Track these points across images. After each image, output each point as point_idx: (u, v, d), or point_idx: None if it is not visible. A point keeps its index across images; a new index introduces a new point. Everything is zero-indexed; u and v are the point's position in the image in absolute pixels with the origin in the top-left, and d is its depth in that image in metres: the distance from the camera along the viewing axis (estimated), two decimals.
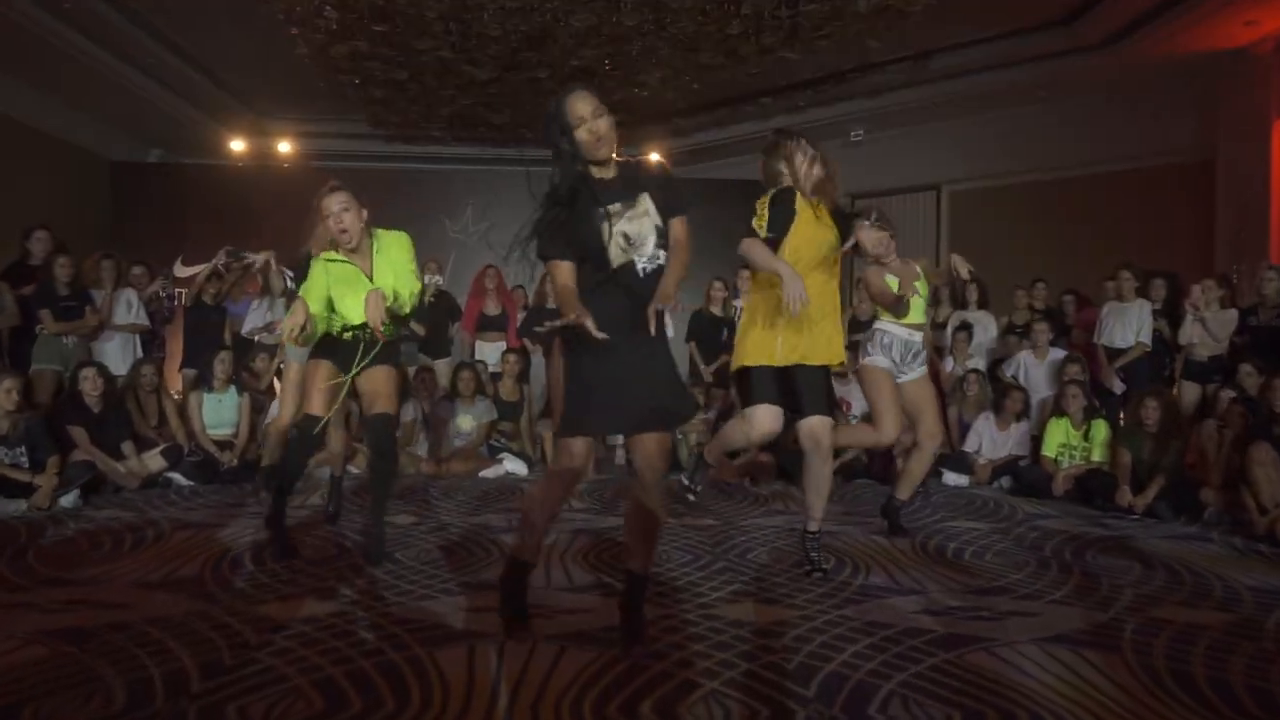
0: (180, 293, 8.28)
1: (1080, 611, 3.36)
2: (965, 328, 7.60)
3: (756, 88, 10.68)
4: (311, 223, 4.00)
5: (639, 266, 2.71)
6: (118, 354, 6.81)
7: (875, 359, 4.53)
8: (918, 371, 4.64)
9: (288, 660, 2.70)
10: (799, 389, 3.72)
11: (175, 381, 7.81)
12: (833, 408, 3.83)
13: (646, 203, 2.76)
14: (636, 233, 2.72)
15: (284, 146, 12.06)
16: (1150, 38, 8.52)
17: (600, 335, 2.45)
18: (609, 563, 4.01)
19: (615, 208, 2.72)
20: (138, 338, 7.05)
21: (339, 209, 3.83)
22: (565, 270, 2.72)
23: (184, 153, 12.54)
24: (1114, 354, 6.98)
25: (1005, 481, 6.59)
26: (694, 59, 9.41)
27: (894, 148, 11.68)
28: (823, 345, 3.73)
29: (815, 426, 3.71)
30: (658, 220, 2.75)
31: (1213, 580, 3.88)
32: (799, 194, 3.74)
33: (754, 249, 3.57)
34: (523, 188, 2.83)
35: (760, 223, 3.70)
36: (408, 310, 4.00)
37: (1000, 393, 7.01)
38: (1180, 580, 3.89)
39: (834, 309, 3.80)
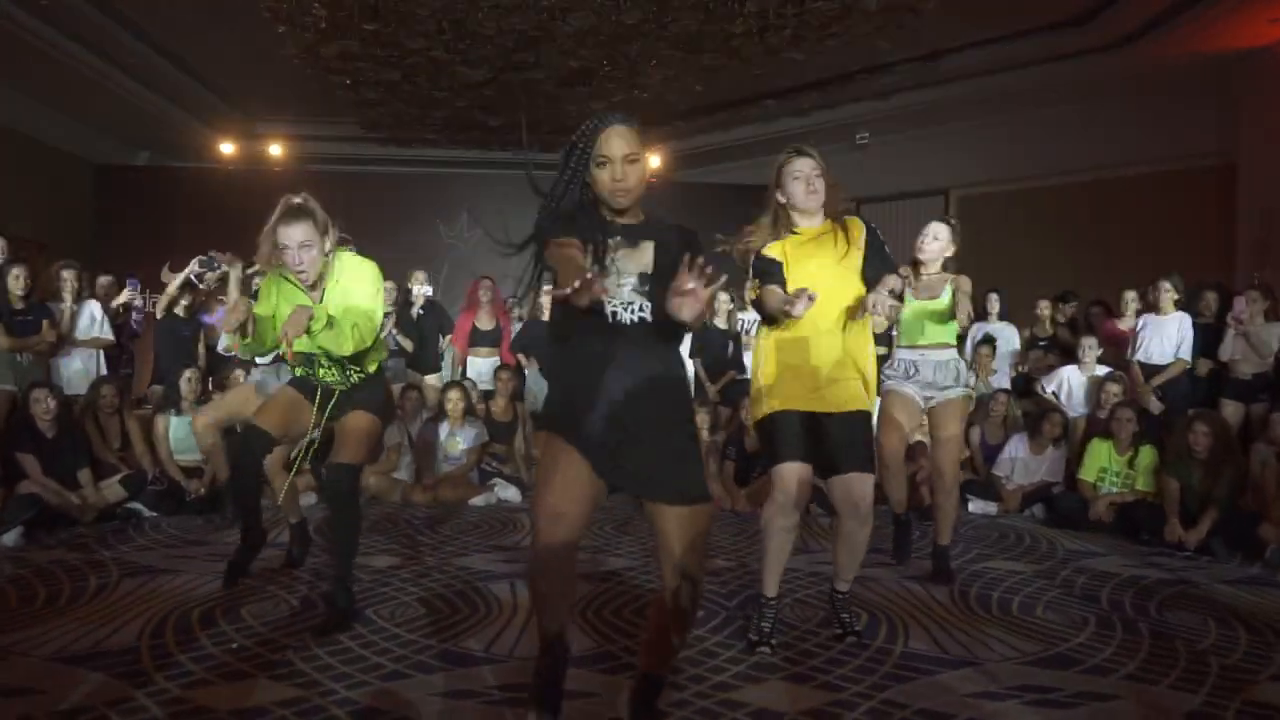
0: (152, 301, 7.77)
1: (1168, 693, 2.87)
2: (989, 341, 7.11)
3: (760, 90, 10.29)
4: (267, 239, 3.38)
5: (608, 309, 2.23)
6: (79, 371, 6.31)
7: (896, 385, 4.24)
8: (950, 393, 4.19)
9: None
10: (831, 441, 3.17)
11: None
12: (873, 460, 3.26)
13: (647, 249, 2.29)
14: (620, 269, 2.26)
15: (275, 149, 11.71)
16: (1169, 37, 8.19)
17: (598, 287, 1.94)
18: (616, 625, 3.50)
19: (614, 240, 2.27)
20: (101, 354, 6.55)
21: (297, 244, 3.30)
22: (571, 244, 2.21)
23: (172, 156, 12.28)
24: (1151, 371, 6.49)
25: (1038, 510, 6.09)
26: (696, 60, 9.04)
27: (901, 151, 11.35)
28: (852, 395, 3.20)
29: (854, 485, 3.15)
30: (648, 267, 2.26)
31: None
32: (779, 239, 3.30)
33: (761, 299, 3.20)
34: (519, 192, 2.36)
35: (753, 291, 3.29)
36: (349, 350, 3.39)
37: (1037, 414, 6.52)
38: (1266, 642, 3.40)
39: (862, 354, 3.25)
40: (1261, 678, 3.04)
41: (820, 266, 3.19)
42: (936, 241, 4.28)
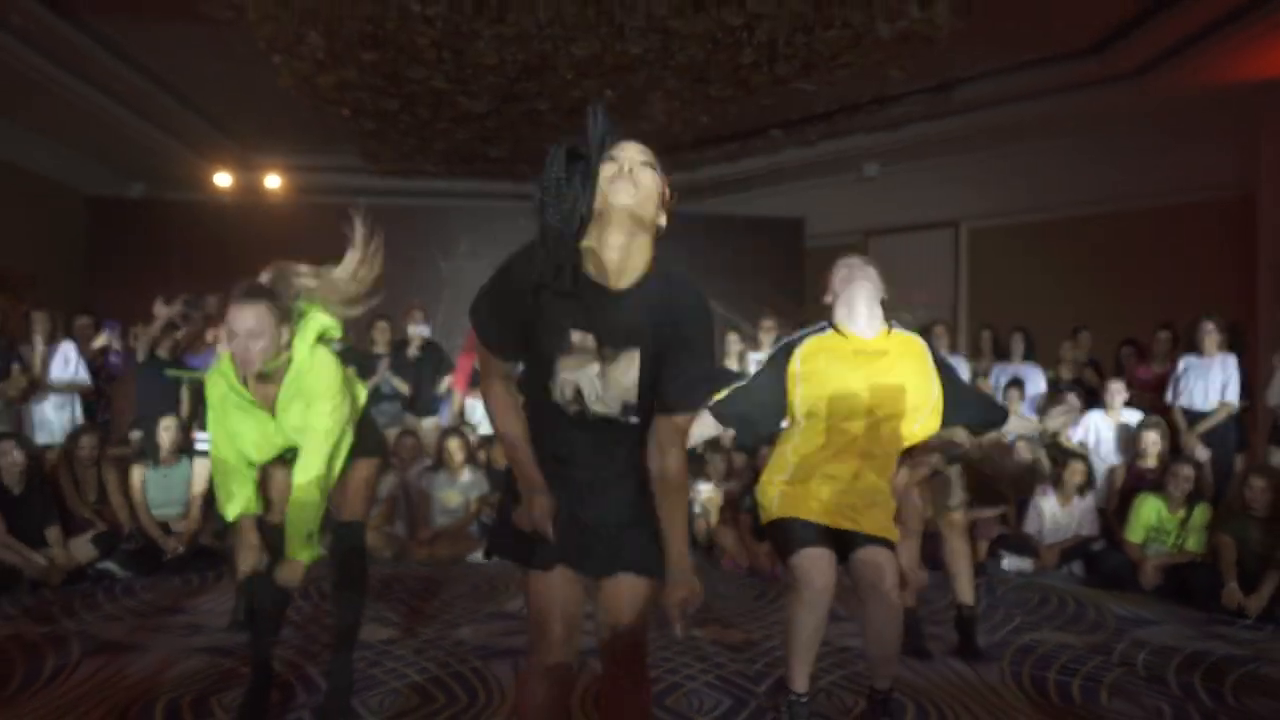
0: (132, 341, 7.42)
1: None
2: (1016, 384, 6.73)
3: (767, 120, 10.02)
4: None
5: (574, 409, 1.95)
6: (53, 418, 5.93)
7: None
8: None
9: None
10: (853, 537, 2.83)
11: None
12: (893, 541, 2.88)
13: (631, 363, 1.91)
14: (590, 391, 1.92)
15: (272, 181, 11.40)
16: (1185, 67, 7.91)
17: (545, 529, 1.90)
18: None
19: (579, 341, 1.90)
20: (77, 399, 6.18)
21: (246, 332, 2.68)
22: (498, 382, 2.05)
23: (167, 187, 12.00)
24: (1194, 417, 6.10)
25: (1076, 568, 5.69)
26: (703, 90, 8.75)
27: (910, 182, 11.07)
28: (883, 525, 2.84)
29: (875, 557, 2.79)
30: (631, 396, 1.92)
31: None
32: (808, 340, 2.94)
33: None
34: (518, 224, 2.02)
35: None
36: (320, 472, 2.84)
37: (1059, 463, 6.13)
38: None
39: (888, 491, 2.90)
40: None
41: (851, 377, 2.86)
42: None
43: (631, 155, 1.87)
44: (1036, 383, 7.05)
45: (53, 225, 10.22)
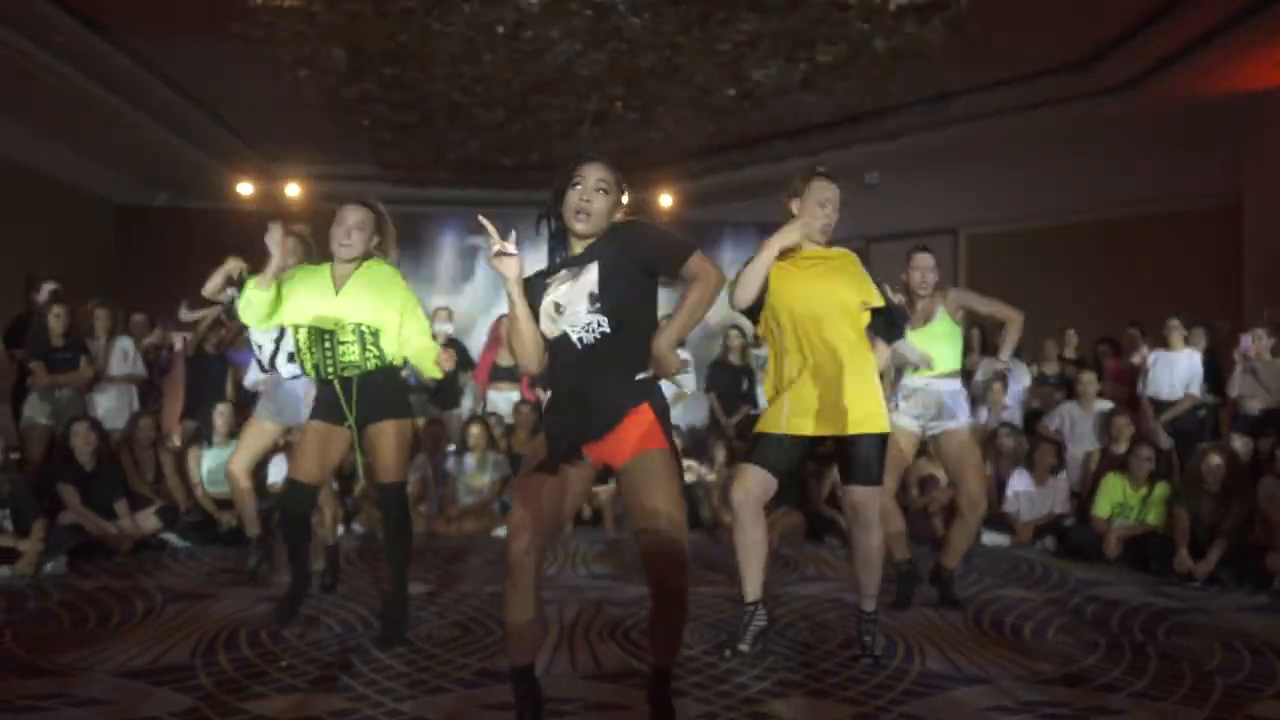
0: (184, 337, 7.98)
1: (1173, 709, 3.00)
2: (1000, 376, 7.25)
3: (771, 130, 10.49)
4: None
5: (574, 337, 2.47)
6: (113, 406, 6.50)
7: (895, 417, 4.20)
8: (955, 423, 4.31)
9: None
10: (843, 460, 3.46)
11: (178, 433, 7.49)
12: (881, 476, 3.49)
13: (591, 270, 2.49)
14: (566, 300, 2.49)
15: (292, 189, 11.87)
16: (1174, 80, 8.31)
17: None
18: (643, 644, 3.64)
19: (560, 274, 2.56)
20: (135, 389, 6.75)
21: (355, 223, 3.61)
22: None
23: (192, 196, 12.45)
24: (1160, 407, 6.63)
25: (1049, 542, 6.20)
26: (709, 101, 9.24)
27: (910, 190, 11.45)
28: (853, 414, 3.38)
29: (857, 495, 3.43)
30: (594, 287, 2.46)
31: None
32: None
33: (740, 279, 3.45)
34: (532, 231, 2.63)
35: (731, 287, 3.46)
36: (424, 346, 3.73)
37: (1032, 446, 6.66)
38: (1269, 664, 3.53)
39: (858, 371, 3.42)
40: (1265, 695, 3.16)
41: (829, 286, 3.43)
42: (920, 271, 4.41)
43: (590, 182, 2.51)
44: (1020, 377, 7.55)
45: (83, 234, 10.69)
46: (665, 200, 11.54)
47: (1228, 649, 3.74)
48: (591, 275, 2.47)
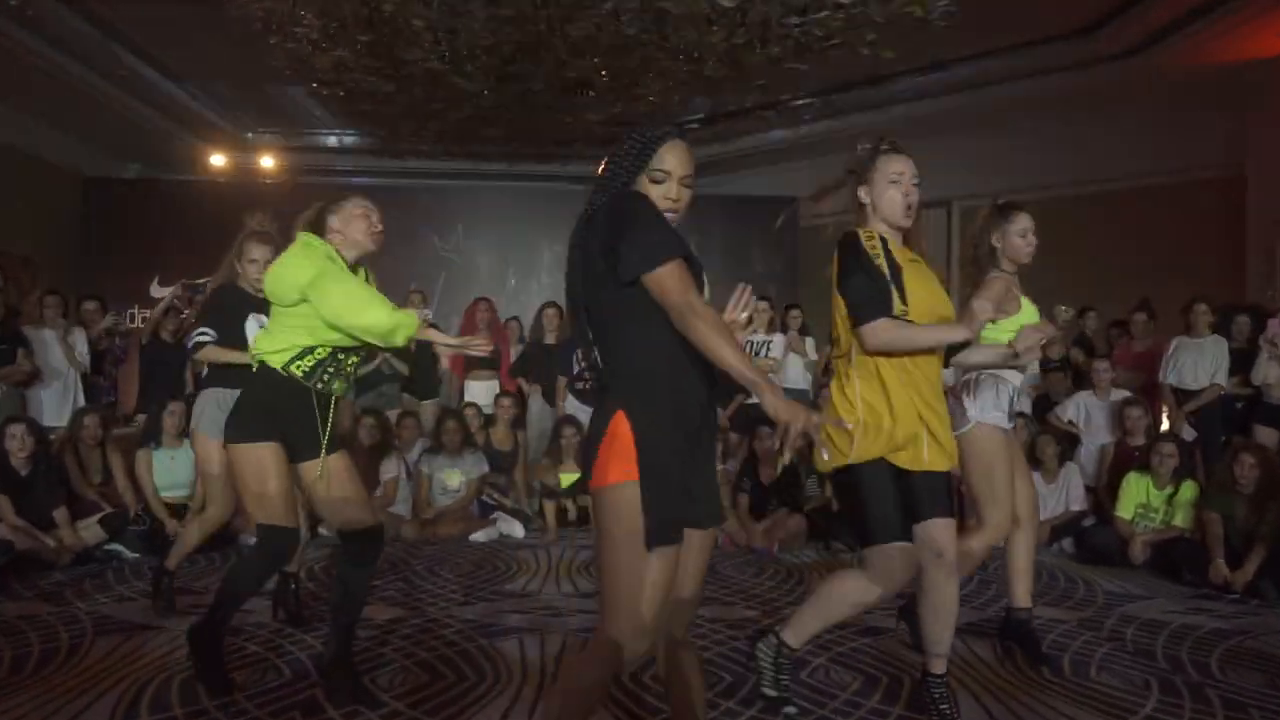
0: (137, 326, 7.46)
1: None
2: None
3: (761, 101, 10.03)
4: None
5: None
6: (55, 403, 5.99)
7: (989, 415, 3.37)
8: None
9: None
10: (905, 489, 2.74)
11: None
12: (954, 507, 2.83)
13: None
14: None
15: (267, 161, 11.40)
16: (1175, 48, 8.04)
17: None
18: (639, 694, 3.19)
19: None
20: (79, 382, 6.23)
21: (379, 219, 3.22)
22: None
23: (162, 168, 12.02)
24: (1184, 396, 6.21)
25: (1067, 544, 5.80)
26: (697, 70, 8.75)
27: None
28: (945, 443, 2.79)
29: (938, 531, 2.74)
30: None
31: None
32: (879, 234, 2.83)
33: (899, 332, 2.66)
34: (514, 204, 2.13)
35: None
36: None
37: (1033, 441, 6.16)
38: None
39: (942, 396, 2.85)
40: None
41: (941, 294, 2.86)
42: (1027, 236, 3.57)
43: (680, 168, 2.10)
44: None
45: (50, 206, 10.26)
46: None
47: None
48: None
